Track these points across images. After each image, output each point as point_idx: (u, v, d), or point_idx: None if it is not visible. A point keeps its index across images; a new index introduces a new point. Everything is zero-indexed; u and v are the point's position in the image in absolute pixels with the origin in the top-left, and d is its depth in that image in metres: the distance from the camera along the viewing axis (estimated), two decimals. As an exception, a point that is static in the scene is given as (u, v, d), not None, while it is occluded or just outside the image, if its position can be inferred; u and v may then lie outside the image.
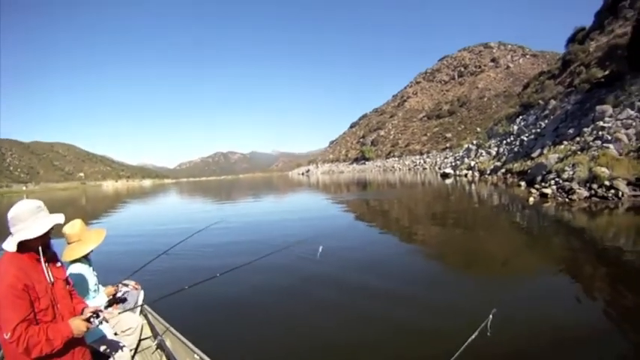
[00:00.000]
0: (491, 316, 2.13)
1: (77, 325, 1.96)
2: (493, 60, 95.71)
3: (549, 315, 4.07)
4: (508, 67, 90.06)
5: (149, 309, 3.64)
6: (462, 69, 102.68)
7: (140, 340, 3.20)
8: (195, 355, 2.86)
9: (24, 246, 1.91)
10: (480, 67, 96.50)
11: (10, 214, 1.94)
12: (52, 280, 1.99)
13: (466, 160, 33.73)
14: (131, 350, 2.85)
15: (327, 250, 7.00)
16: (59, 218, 2.05)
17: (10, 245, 1.88)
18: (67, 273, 2.35)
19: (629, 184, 10.82)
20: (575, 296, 4.67)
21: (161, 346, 3.23)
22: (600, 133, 14.83)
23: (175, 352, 3.02)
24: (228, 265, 3.74)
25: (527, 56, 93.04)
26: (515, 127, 28.70)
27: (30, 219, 1.93)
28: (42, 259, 1.96)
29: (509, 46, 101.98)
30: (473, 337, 2.07)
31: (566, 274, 5.67)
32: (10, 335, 1.70)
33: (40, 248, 1.95)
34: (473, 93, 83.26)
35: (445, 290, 5.21)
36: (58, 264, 2.17)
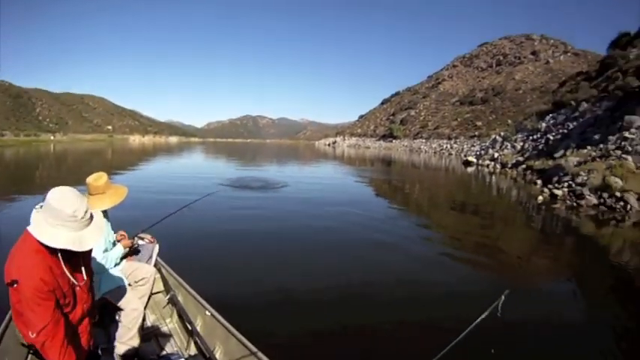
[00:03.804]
0: (503, 297, 2.03)
1: None
2: (533, 53, 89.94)
3: (555, 306, 4.36)
4: (548, 62, 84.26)
5: (163, 263, 3.47)
6: (501, 58, 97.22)
7: (152, 294, 3.05)
8: (207, 312, 2.71)
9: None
10: (519, 58, 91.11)
11: (49, 197, 1.60)
12: (76, 282, 1.79)
13: (490, 150, 32.76)
14: (143, 302, 2.71)
15: (346, 222, 8.43)
16: (85, 244, 1.64)
17: (35, 231, 1.58)
18: None
19: (639, 198, 10.60)
20: (576, 295, 4.97)
21: (172, 301, 3.10)
22: (623, 143, 14.32)
23: (187, 307, 2.91)
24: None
25: (569, 54, 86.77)
26: (544, 125, 27.41)
27: (57, 223, 1.58)
28: (62, 264, 1.68)
29: (552, 40, 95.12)
30: (484, 315, 2.00)
31: (571, 274, 5.91)
32: (36, 336, 1.60)
33: (59, 254, 1.66)
34: (509, 84, 78.91)
35: (458, 273, 5.35)
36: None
